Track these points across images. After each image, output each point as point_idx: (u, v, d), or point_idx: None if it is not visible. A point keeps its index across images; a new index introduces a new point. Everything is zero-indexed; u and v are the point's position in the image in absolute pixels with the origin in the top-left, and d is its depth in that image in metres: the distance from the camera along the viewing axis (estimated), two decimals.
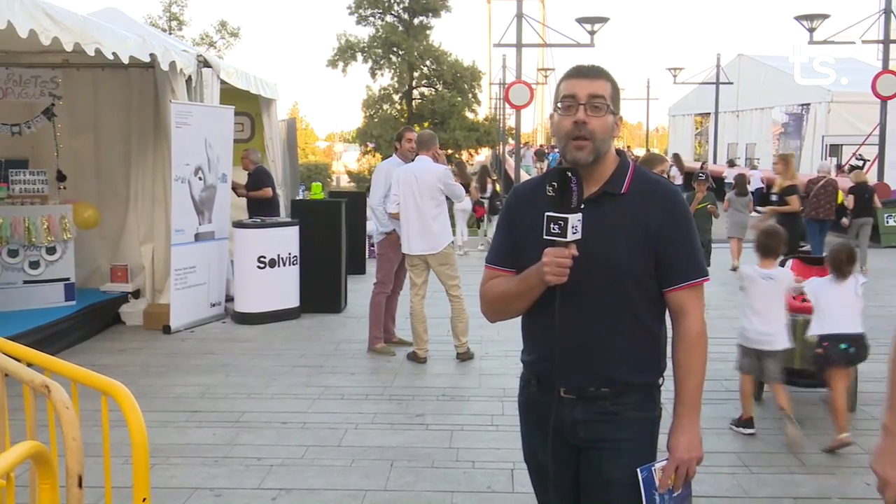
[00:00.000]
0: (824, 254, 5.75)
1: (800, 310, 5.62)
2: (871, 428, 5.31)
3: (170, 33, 33.89)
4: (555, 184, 2.09)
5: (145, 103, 8.88)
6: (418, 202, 6.75)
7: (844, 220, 12.13)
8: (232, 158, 9.03)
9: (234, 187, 9.82)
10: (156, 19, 40.02)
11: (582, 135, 2.17)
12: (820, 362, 5.23)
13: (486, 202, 14.64)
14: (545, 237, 2.10)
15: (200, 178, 8.31)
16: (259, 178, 9.97)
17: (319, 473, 4.56)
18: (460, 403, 5.89)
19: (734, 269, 11.41)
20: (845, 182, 13.38)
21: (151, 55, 7.48)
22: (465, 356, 6.93)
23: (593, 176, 2.23)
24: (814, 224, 11.80)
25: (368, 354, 7.23)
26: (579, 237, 2.09)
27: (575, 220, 2.08)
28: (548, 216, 2.09)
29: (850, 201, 12.10)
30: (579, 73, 2.23)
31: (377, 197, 7.17)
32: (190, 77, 8.31)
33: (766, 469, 4.62)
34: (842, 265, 5.26)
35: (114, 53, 6.84)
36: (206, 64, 8.65)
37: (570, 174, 2.08)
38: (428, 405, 5.83)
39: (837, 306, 5.21)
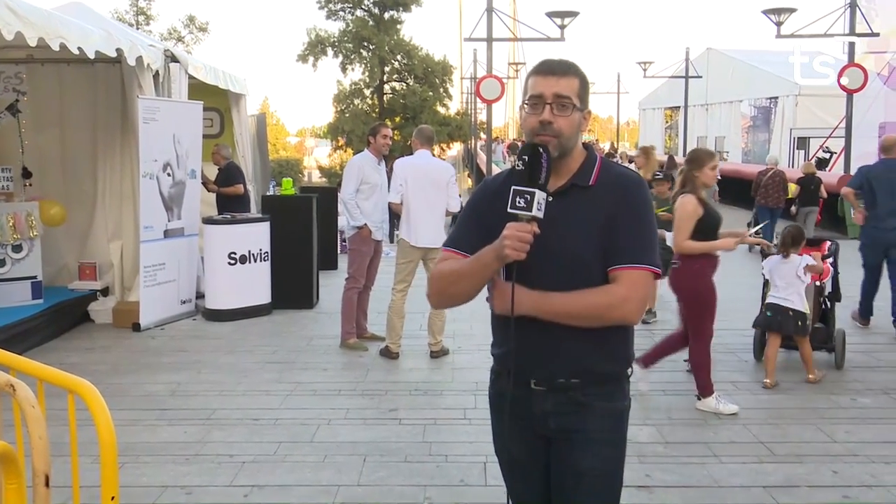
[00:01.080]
0: (776, 240, 6.51)
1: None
2: (838, 416, 5.40)
3: (137, 28, 33.50)
4: (525, 157, 2.10)
5: (112, 99, 8.77)
6: (429, 196, 6.76)
7: (793, 209, 12.80)
8: (201, 154, 8.94)
9: (205, 183, 9.73)
10: (122, 14, 39.49)
11: (548, 133, 2.18)
12: (760, 325, 6.41)
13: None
14: (509, 210, 2.09)
15: (169, 175, 8.23)
16: (231, 173, 9.89)
17: (292, 470, 4.54)
18: (433, 398, 5.89)
19: None
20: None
21: (118, 50, 7.39)
22: (438, 354, 6.91)
23: (561, 169, 2.24)
24: (765, 210, 12.47)
25: (341, 350, 7.21)
26: (542, 216, 2.09)
27: (541, 196, 2.08)
28: (514, 190, 2.09)
29: (795, 191, 12.74)
30: (547, 69, 2.22)
31: (349, 191, 7.12)
32: (157, 72, 8.21)
33: (736, 458, 4.67)
34: (786, 245, 6.18)
35: (79, 48, 6.75)
36: (174, 59, 8.55)
37: (541, 149, 2.09)
38: (401, 400, 5.83)
39: (779, 280, 6.16)
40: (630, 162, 24.70)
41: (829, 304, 6.74)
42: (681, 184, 5.50)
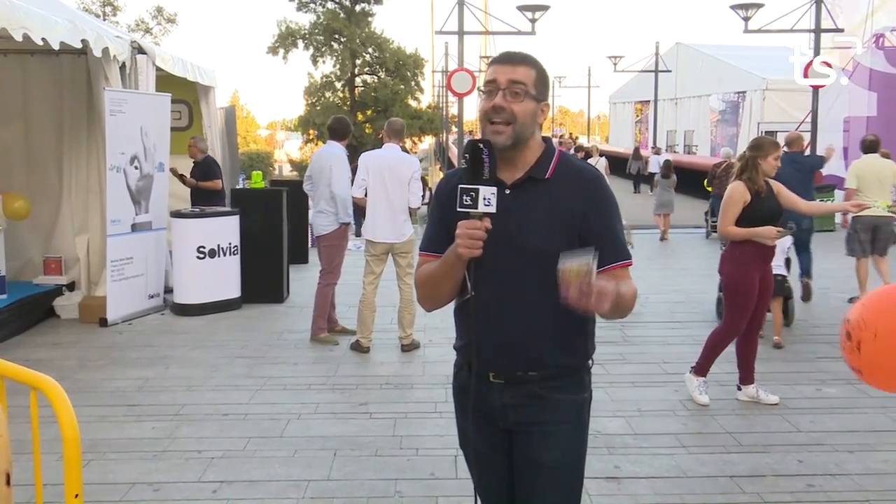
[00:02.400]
0: None
1: None
2: (803, 407, 5.47)
3: (104, 19, 33.03)
4: (467, 155, 2.11)
5: (77, 91, 8.64)
6: (389, 190, 6.67)
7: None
8: (169, 147, 8.84)
9: (182, 177, 9.62)
10: (89, 5, 38.98)
11: (501, 119, 2.18)
12: None
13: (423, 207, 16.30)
14: (458, 209, 2.10)
15: (136, 168, 8.13)
16: (209, 168, 9.73)
17: (261, 465, 4.52)
18: (404, 391, 5.89)
19: (662, 238, 14.50)
20: None
21: (83, 41, 7.26)
22: (409, 347, 6.91)
23: (518, 162, 2.24)
24: (719, 200, 12.82)
25: (311, 344, 7.17)
26: (493, 210, 2.09)
27: (487, 192, 2.08)
28: (460, 188, 2.10)
29: None
30: (503, 59, 2.25)
31: (346, 185, 6.97)
32: (124, 64, 8.10)
33: (704, 449, 4.72)
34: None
35: (43, 39, 6.62)
36: (141, 50, 8.44)
37: (481, 145, 2.10)
38: (371, 394, 5.81)
39: None
40: (601, 156, 24.91)
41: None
42: (741, 170, 5.47)
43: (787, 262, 7.78)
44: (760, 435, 4.96)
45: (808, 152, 15.56)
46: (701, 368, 5.61)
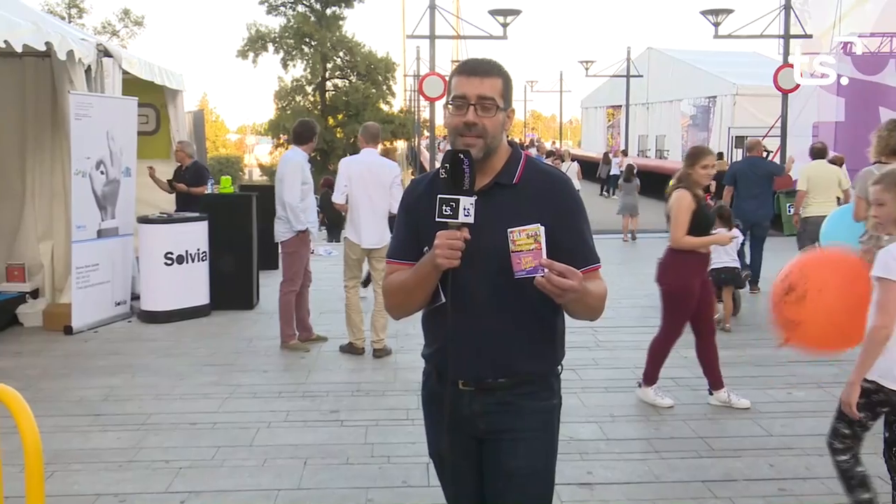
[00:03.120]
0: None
1: None
2: (774, 411, 5.50)
3: (69, 21, 32.64)
4: (447, 166, 2.10)
5: (41, 94, 8.50)
6: (372, 196, 6.69)
7: (710, 202, 13.88)
8: (136, 152, 8.71)
9: (170, 182, 9.48)
10: (54, 6, 38.53)
11: (472, 133, 2.17)
12: (722, 283, 7.63)
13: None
14: (437, 219, 2.10)
15: (102, 172, 8.00)
16: (199, 172, 9.59)
17: (230, 474, 4.44)
18: (375, 398, 5.84)
19: (625, 240, 15.17)
20: None
21: (47, 44, 7.13)
22: (381, 353, 6.87)
23: (485, 168, 2.23)
24: None
25: (281, 351, 7.10)
26: (472, 221, 2.09)
27: (467, 202, 2.08)
28: (440, 198, 2.10)
29: (712, 185, 13.81)
30: (470, 70, 2.22)
31: (296, 195, 6.90)
32: (89, 67, 7.97)
33: (676, 454, 4.72)
34: (726, 221, 7.66)
35: (5, 41, 6.50)
36: (107, 53, 8.31)
37: (461, 156, 2.09)
38: (342, 401, 5.75)
39: (720, 249, 7.00)
40: (573, 160, 25.05)
41: None
42: (677, 179, 5.53)
43: (741, 254, 8.29)
44: (732, 439, 4.97)
45: (776, 158, 15.85)
46: (650, 378, 5.62)
